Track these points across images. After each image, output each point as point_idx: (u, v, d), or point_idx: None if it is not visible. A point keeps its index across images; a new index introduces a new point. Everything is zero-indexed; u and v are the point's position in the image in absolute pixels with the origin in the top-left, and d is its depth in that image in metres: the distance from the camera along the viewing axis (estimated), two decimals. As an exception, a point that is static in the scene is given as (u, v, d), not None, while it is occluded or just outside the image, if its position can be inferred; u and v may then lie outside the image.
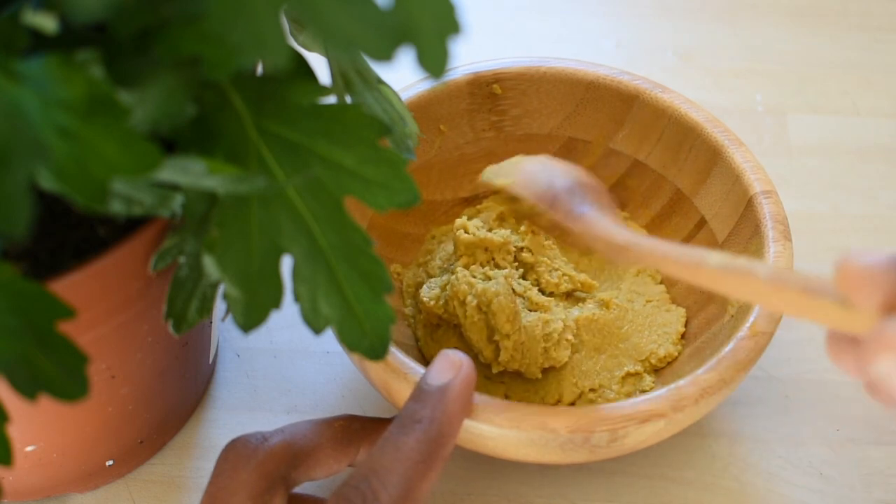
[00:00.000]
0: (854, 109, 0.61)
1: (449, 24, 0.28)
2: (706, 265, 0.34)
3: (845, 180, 0.58)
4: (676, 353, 0.47)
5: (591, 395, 0.46)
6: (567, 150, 0.52)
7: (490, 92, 0.51)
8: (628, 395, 0.45)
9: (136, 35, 0.30)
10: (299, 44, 0.38)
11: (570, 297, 0.48)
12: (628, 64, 0.60)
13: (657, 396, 0.39)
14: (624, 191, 0.51)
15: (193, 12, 0.30)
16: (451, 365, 0.39)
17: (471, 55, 0.50)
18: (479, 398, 0.39)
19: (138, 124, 0.30)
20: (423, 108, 0.50)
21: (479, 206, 0.52)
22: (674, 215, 0.50)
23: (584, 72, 0.50)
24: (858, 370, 0.30)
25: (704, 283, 0.36)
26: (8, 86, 0.27)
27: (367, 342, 0.35)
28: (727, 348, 0.41)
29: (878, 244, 0.55)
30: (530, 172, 0.42)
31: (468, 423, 0.39)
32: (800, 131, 0.60)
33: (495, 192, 0.44)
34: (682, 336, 0.47)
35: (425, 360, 0.47)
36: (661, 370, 0.47)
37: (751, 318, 0.41)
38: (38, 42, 0.29)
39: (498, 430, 0.39)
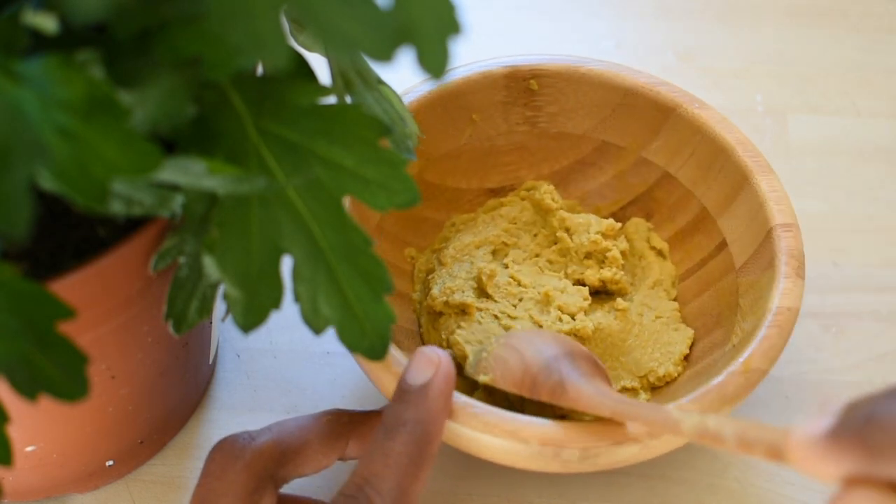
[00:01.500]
0: (854, 110, 0.61)
1: (449, 25, 0.28)
2: (681, 430, 0.35)
3: (845, 180, 0.58)
4: (676, 374, 0.46)
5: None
6: (600, 153, 0.52)
7: (527, 87, 0.50)
8: None
9: (136, 35, 0.30)
10: (299, 44, 0.38)
11: (598, 295, 0.49)
12: (628, 64, 0.60)
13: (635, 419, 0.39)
14: (651, 202, 0.51)
15: (193, 12, 0.30)
16: (429, 363, 0.39)
17: (471, 55, 0.50)
18: (459, 398, 0.39)
19: (138, 124, 0.30)
20: (456, 96, 0.49)
21: (503, 199, 0.52)
22: (697, 233, 0.49)
23: (623, 77, 0.50)
24: None
25: (686, 440, 0.37)
26: (8, 86, 0.27)
27: (367, 342, 0.35)
28: (715, 381, 0.40)
29: (877, 244, 0.55)
30: (504, 362, 0.42)
31: (448, 422, 0.39)
32: (800, 131, 0.60)
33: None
34: (686, 357, 0.47)
35: None
36: (658, 389, 0.46)
37: (746, 353, 0.41)
38: (38, 42, 0.29)
39: (472, 432, 0.39)
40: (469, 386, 0.45)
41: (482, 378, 0.43)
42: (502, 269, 0.49)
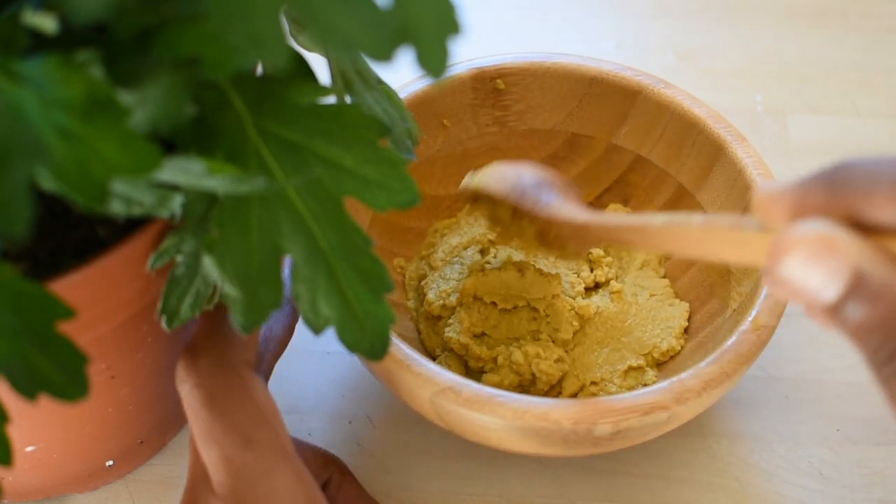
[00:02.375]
0: (854, 110, 0.61)
1: (449, 24, 0.28)
2: (651, 225, 0.36)
3: (845, 180, 0.58)
4: (679, 348, 0.47)
5: (593, 389, 0.46)
6: (570, 146, 0.52)
7: (493, 87, 0.51)
8: (630, 389, 0.46)
9: (136, 35, 0.30)
10: (299, 44, 0.38)
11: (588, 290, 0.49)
12: (628, 64, 0.60)
13: (660, 389, 0.39)
14: (627, 186, 0.52)
15: (193, 12, 0.30)
16: None
17: (471, 55, 0.50)
18: (482, 390, 0.39)
19: (138, 124, 0.30)
20: (426, 102, 0.50)
21: None
22: (676, 210, 0.50)
23: (587, 67, 0.50)
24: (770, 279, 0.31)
25: (654, 245, 0.37)
26: (8, 86, 0.27)
27: (367, 342, 0.35)
28: (730, 342, 0.41)
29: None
30: (501, 172, 0.45)
31: (471, 415, 0.39)
32: (800, 131, 0.60)
33: (472, 201, 0.46)
34: (685, 331, 0.48)
35: (427, 353, 0.48)
36: (663, 364, 0.47)
37: (753, 312, 0.42)
38: (38, 42, 0.29)
39: (500, 421, 0.39)
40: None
41: (475, 183, 0.44)
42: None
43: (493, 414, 0.39)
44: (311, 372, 0.50)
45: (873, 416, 0.48)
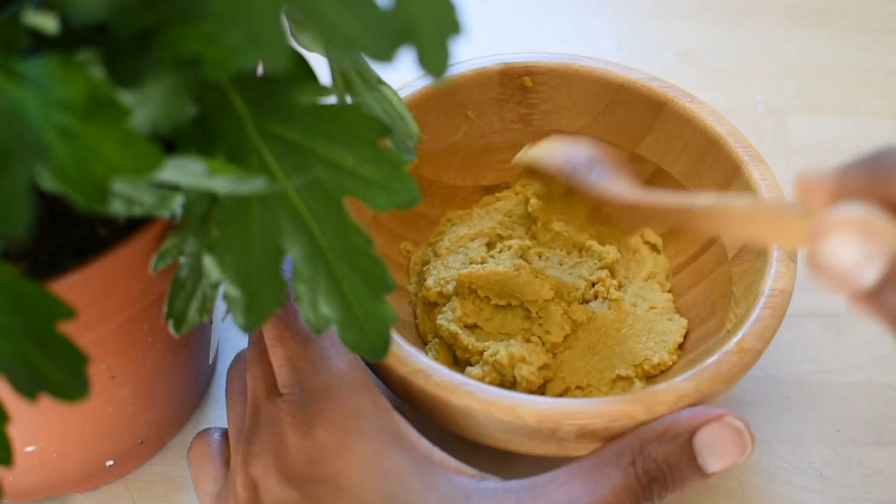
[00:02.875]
0: (854, 110, 0.61)
1: (449, 24, 0.28)
2: (697, 205, 0.36)
3: (845, 180, 0.58)
4: (671, 363, 0.46)
5: (578, 393, 0.46)
6: None
7: (521, 84, 0.51)
8: None
9: (136, 35, 0.30)
10: (299, 44, 0.38)
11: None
12: (628, 64, 0.60)
13: (632, 397, 0.39)
14: None
15: (193, 12, 0.30)
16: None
17: (471, 55, 0.50)
18: (453, 376, 0.39)
19: (138, 124, 0.30)
20: (450, 92, 0.49)
21: (498, 195, 0.52)
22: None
23: (615, 73, 0.50)
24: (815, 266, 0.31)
25: (700, 226, 0.37)
26: (8, 86, 0.27)
27: (367, 342, 0.35)
28: (710, 360, 0.40)
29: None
30: (552, 149, 0.44)
31: (440, 400, 0.39)
32: (800, 131, 0.60)
33: (527, 175, 0.45)
34: (681, 347, 0.47)
35: (421, 339, 0.48)
36: (653, 377, 0.46)
37: (740, 334, 0.41)
38: (39, 42, 0.29)
39: (466, 410, 0.39)
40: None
41: (527, 158, 0.44)
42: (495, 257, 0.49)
43: (460, 401, 0.39)
44: (311, 372, 0.50)
45: (873, 417, 0.48)
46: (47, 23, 0.29)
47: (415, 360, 0.40)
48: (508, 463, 0.46)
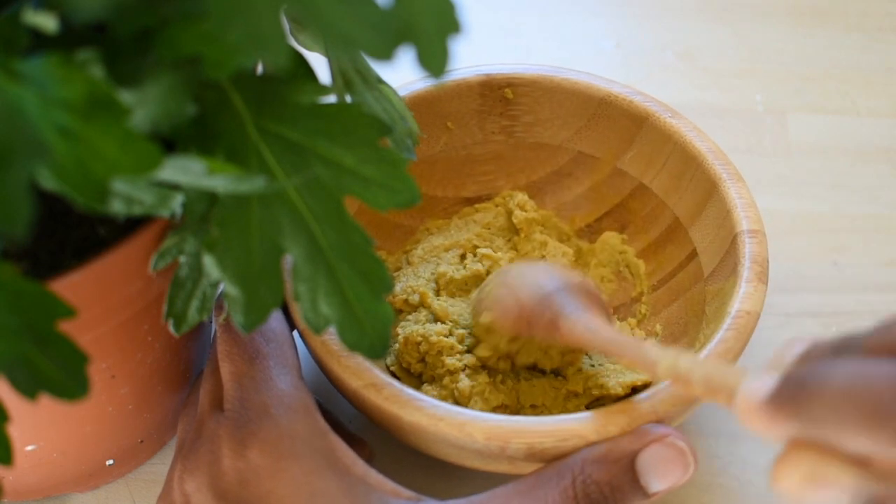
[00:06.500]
0: (854, 109, 0.61)
1: (449, 24, 0.28)
2: (657, 371, 0.36)
3: (845, 180, 0.58)
4: (623, 395, 0.45)
5: (530, 411, 0.45)
6: (576, 164, 0.51)
7: (502, 96, 0.50)
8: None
9: (136, 35, 0.30)
10: (299, 43, 0.38)
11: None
12: (628, 64, 0.60)
13: (584, 417, 0.38)
14: (626, 213, 0.51)
15: (193, 12, 0.30)
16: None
17: (470, 55, 0.50)
18: (403, 391, 0.39)
19: (138, 124, 0.30)
20: (429, 102, 0.49)
21: (477, 206, 0.52)
22: (669, 244, 0.49)
23: (597, 87, 0.49)
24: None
25: (659, 380, 0.38)
26: (8, 86, 0.27)
27: (367, 342, 0.35)
28: (666, 383, 0.39)
29: (878, 244, 0.55)
30: (500, 302, 0.43)
31: (391, 414, 0.39)
32: (800, 131, 0.60)
33: (483, 334, 0.44)
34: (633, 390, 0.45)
35: None
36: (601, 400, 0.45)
37: (701, 356, 0.40)
38: (39, 42, 0.29)
39: (416, 425, 0.38)
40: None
41: (483, 318, 0.43)
42: (463, 270, 0.49)
43: (410, 416, 0.38)
44: (311, 371, 0.50)
45: (873, 416, 0.48)
46: (47, 22, 0.29)
47: (367, 374, 0.40)
48: (469, 478, 0.45)
